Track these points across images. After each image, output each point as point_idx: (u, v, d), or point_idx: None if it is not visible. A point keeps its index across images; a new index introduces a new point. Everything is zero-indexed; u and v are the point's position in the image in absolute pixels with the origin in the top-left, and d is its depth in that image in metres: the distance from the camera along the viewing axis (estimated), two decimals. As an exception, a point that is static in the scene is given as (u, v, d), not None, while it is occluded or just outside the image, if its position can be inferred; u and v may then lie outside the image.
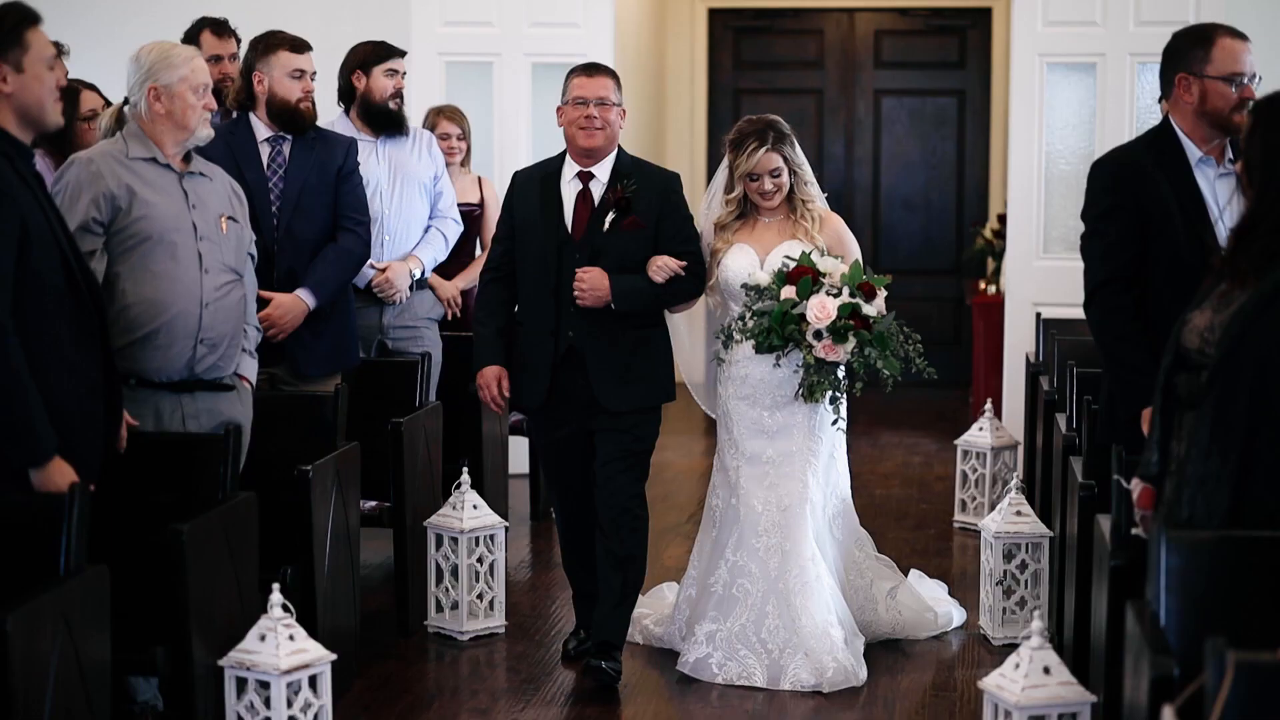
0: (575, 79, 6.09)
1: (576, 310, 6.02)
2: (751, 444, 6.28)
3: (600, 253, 6.02)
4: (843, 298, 6.01)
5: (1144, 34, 9.19)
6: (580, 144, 6.03)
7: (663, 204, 6.09)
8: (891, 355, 6.10)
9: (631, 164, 6.16)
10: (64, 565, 4.27)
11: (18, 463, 4.50)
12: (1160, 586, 3.96)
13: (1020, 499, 6.65)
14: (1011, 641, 6.39)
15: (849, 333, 5.99)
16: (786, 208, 6.30)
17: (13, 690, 3.89)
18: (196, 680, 4.89)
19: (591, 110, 6.00)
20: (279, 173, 6.55)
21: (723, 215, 6.35)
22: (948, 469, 9.57)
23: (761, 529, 6.22)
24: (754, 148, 6.19)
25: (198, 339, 5.40)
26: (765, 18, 13.28)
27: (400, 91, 7.30)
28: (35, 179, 4.67)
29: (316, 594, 5.71)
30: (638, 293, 6.03)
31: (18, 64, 4.57)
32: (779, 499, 6.23)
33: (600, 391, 6.05)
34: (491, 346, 6.18)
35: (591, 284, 5.97)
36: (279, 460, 5.70)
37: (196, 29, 7.50)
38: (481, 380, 6.17)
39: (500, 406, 6.22)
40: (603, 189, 6.08)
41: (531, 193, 6.13)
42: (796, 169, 6.26)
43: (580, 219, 6.06)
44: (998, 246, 11.46)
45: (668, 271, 6.03)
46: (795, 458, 6.25)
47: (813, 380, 6.10)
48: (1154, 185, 5.34)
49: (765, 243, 6.27)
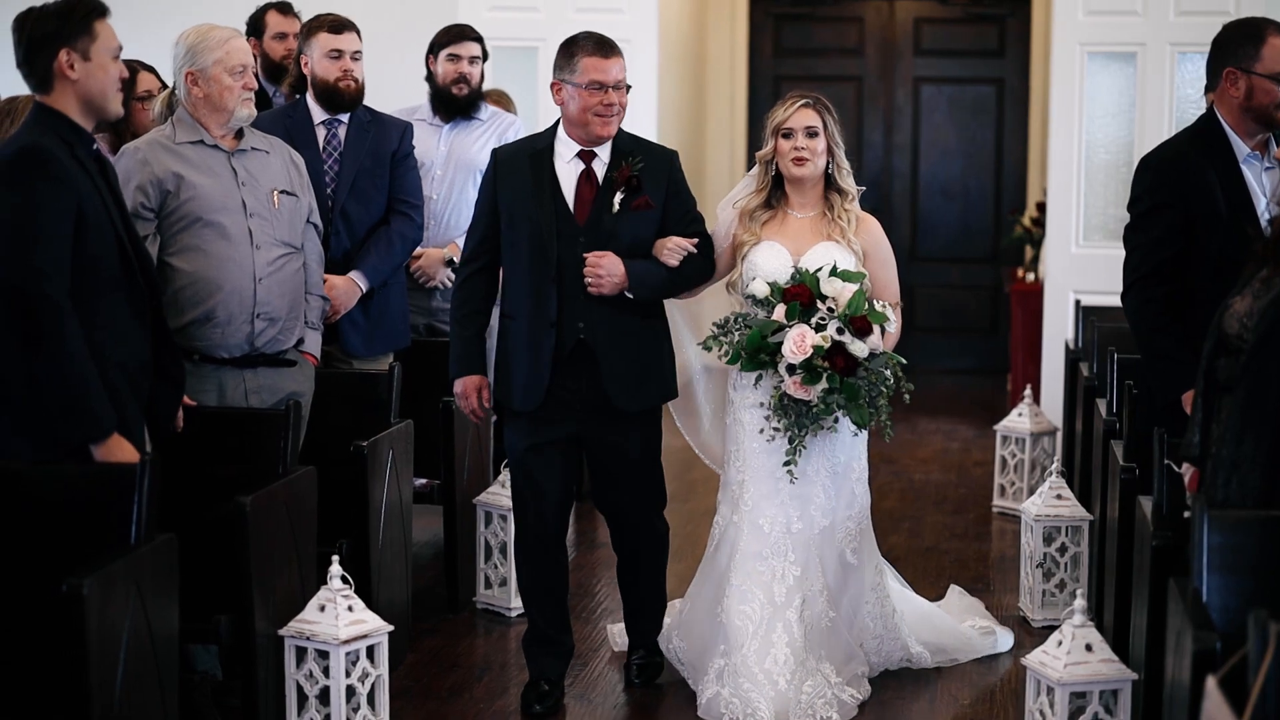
0: (587, 58, 5.50)
1: (586, 300, 5.53)
2: (762, 458, 5.73)
3: (611, 236, 5.54)
4: (828, 331, 5.46)
5: (1184, 24, 9.27)
6: (597, 133, 5.53)
7: (668, 183, 5.64)
8: (862, 405, 5.51)
9: (631, 141, 5.68)
10: (135, 534, 4.40)
11: (79, 439, 4.63)
12: (1203, 564, 4.06)
13: (1060, 483, 6.74)
14: (1051, 623, 6.48)
15: (823, 374, 5.46)
16: (822, 203, 5.79)
17: (89, 654, 4.02)
18: (258, 649, 5.02)
19: (612, 97, 5.50)
20: (334, 155, 6.65)
21: (750, 199, 5.84)
22: (986, 455, 9.65)
23: (766, 551, 5.70)
24: (794, 100, 5.74)
25: (254, 314, 5.52)
26: (806, 5, 13.33)
27: (464, 76, 7.33)
28: (95, 164, 4.79)
29: (371, 568, 5.83)
30: (654, 277, 5.58)
31: (85, 52, 4.70)
32: (787, 519, 5.71)
33: (614, 390, 5.56)
34: (472, 352, 5.69)
35: (608, 270, 5.48)
36: (334, 437, 5.82)
37: (262, 10, 7.65)
38: (462, 390, 5.70)
39: (481, 418, 5.79)
40: (605, 168, 5.60)
41: (520, 173, 5.59)
42: (835, 146, 5.75)
43: (584, 201, 5.57)
44: (1036, 234, 11.52)
45: (680, 252, 5.58)
46: (809, 476, 5.70)
47: (788, 423, 5.57)
48: (1201, 180, 5.41)
49: (800, 242, 5.74)
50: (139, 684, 4.30)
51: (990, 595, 7.13)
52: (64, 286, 4.57)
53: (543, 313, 5.53)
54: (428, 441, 6.64)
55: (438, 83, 7.37)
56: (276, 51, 7.53)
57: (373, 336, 6.67)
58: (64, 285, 4.57)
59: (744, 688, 5.54)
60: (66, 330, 4.55)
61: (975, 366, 13.20)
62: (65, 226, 4.59)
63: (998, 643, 6.32)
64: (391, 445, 6.05)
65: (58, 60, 4.68)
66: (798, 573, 5.69)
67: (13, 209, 4.58)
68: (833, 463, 5.76)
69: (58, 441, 4.64)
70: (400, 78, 8.54)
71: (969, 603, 6.64)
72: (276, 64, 7.49)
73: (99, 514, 4.42)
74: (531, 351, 5.55)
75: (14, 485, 4.49)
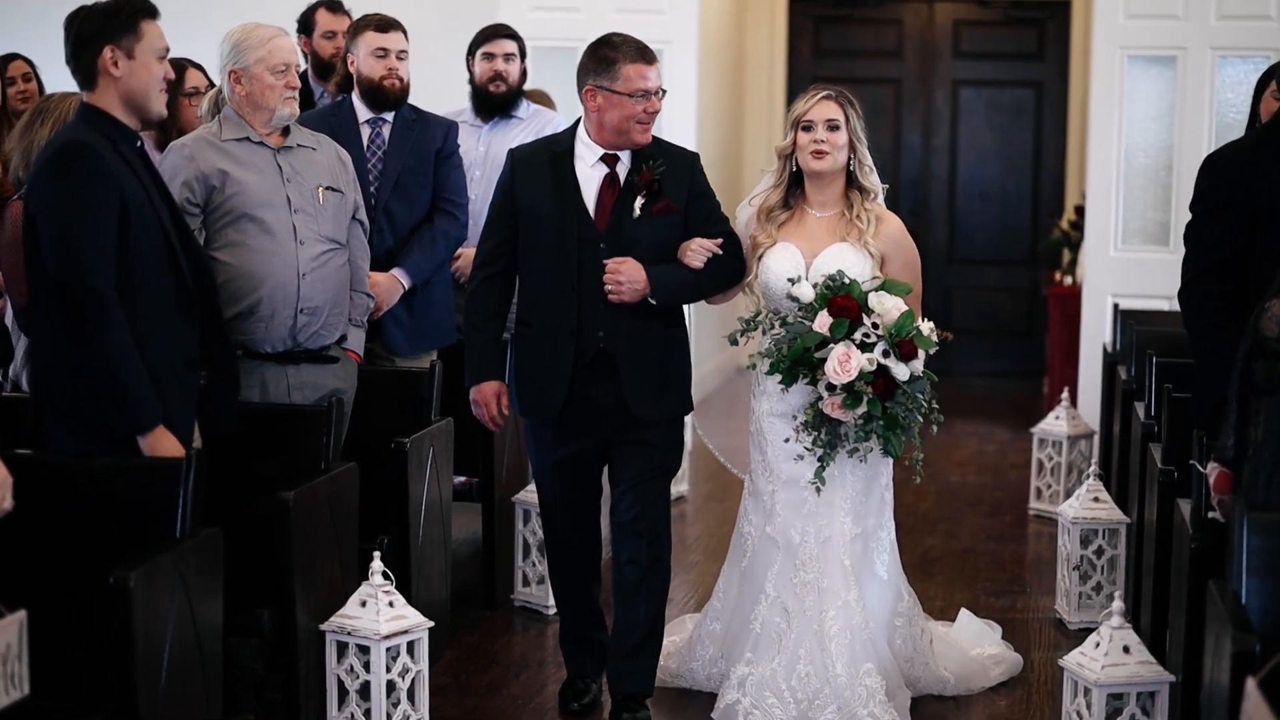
0: (630, 65, 5.32)
1: (607, 307, 5.36)
2: (788, 467, 5.56)
3: (633, 242, 5.37)
4: (875, 354, 5.25)
5: (1225, 28, 9.26)
6: (637, 139, 5.37)
7: (690, 185, 5.47)
8: (900, 433, 5.34)
9: (652, 143, 5.46)
10: (180, 528, 4.44)
11: (124, 430, 4.68)
12: (1241, 566, 4.07)
13: (1098, 485, 6.75)
14: (1087, 626, 6.48)
15: (864, 398, 5.27)
16: (842, 201, 5.55)
17: (135, 645, 4.08)
18: (299, 644, 5.06)
19: (655, 104, 5.36)
20: (378, 153, 6.69)
21: (769, 196, 5.63)
22: (1021, 457, 9.65)
23: (800, 562, 5.54)
24: (815, 92, 5.55)
25: (298, 309, 5.55)
26: (845, 6, 13.35)
27: (500, 74, 7.34)
28: (139, 160, 4.84)
29: (411, 564, 5.87)
30: (679, 283, 5.42)
31: (130, 51, 4.74)
32: (818, 530, 5.54)
33: (633, 399, 5.41)
34: (489, 358, 5.55)
35: (629, 276, 5.32)
36: (374, 434, 5.86)
37: (312, 8, 7.70)
38: (479, 397, 5.55)
39: (499, 426, 5.64)
40: (626, 172, 5.43)
41: (539, 175, 5.44)
42: (856, 141, 5.50)
43: (605, 206, 5.40)
44: (1074, 238, 11.51)
45: (704, 253, 5.41)
46: (838, 485, 5.53)
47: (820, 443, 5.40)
48: (1268, 181, 5.40)
49: (813, 242, 5.54)
50: (183, 676, 4.35)
51: (1026, 597, 7.16)
52: (108, 279, 4.62)
53: (562, 321, 5.38)
54: (467, 439, 6.66)
55: (475, 82, 7.40)
56: (325, 50, 7.58)
57: (416, 334, 6.70)
58: (108, 278, 4.62)
59: (767, 701, 5.45)
60: (111, 322, 4.60)
61: (1011, 369, 13.20)
62: (108, 220, 4.64)
63: (1009, 671, 6.08)
64: (432, 443, 6.08)
65: (102, 57, 4.73)
66: (828, 584, 5.52)
67: (55, 204, 4.64)
68: (860, 471, 5.56)
69: (104, 434, 4.69)
70: (441, 79, 8.57)
71: (979, 628, 6.34)
72: (325, 62, 7.54)
73: (145, 507, 4.47)
74: (550, 361, 5.41)
75: (62, 478, 4.54)
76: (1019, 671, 6.10)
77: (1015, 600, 7.12)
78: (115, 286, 4.64)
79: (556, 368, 5.40)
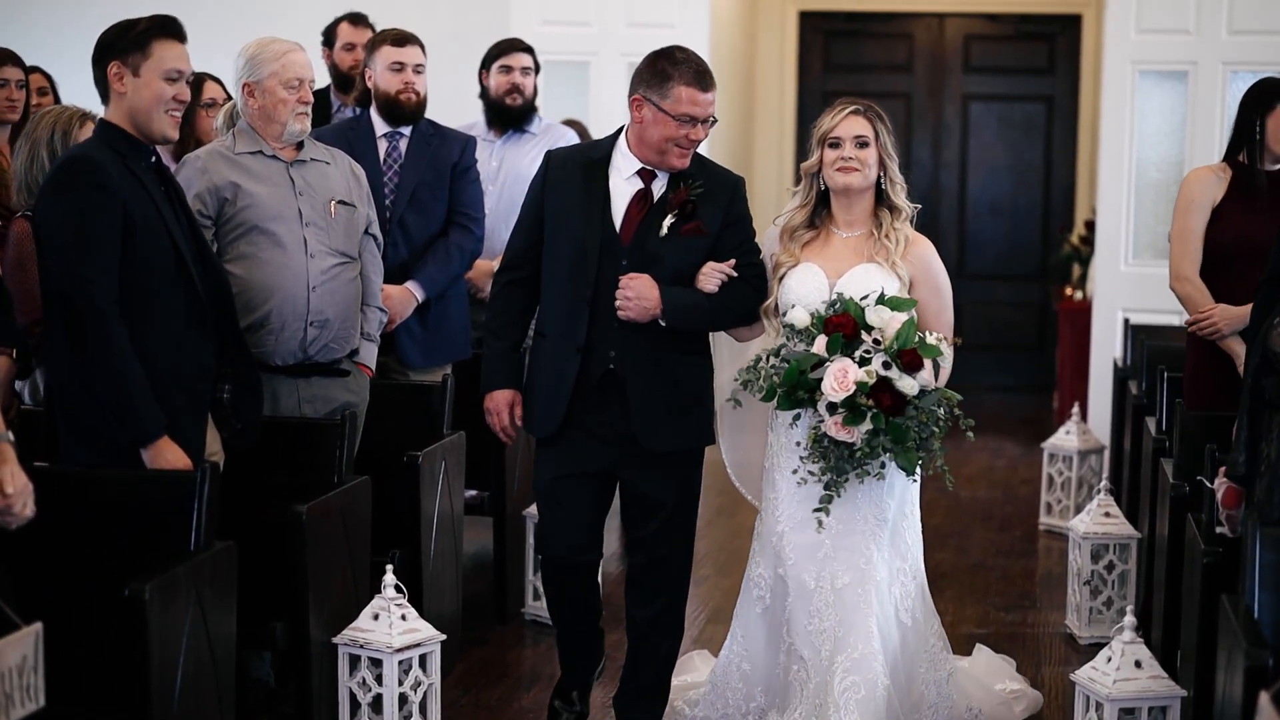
0: (685, 88, 5.03)
1: (619, 325, 5.08)
2: (802, 507, 5.18)
3: (654, 259, 5.09)
4: (873, 366, 4.93)
5: (1236, 42, 9.28)
6: (672, 164, 5.11)
7: (728, 210, 5.18)
8: (911, 448, 4.99)
9: (696, 162, 5.19)
10: (195, 540, 4.46)
11: (126, 441, 4.70)
12: (1254, 581, 4.08)
13: (1109, 500, 6.75)
14: (1097, 641, 6.48)
15: (868, 413, 4.93)
16: (871, 221, 5.24)
17: (149, 657, 4.09)
18: (312, 656, 5.07)
19: (699, 133, 5.09)
20: (394, 167, 6.71)
21: (794, 216, 5.31)
22: (1032, 472, 9.66)
23: (814, 609, 5.17)
24: (843, 107, 5.23)
25: (307, 322, 5.56)
26: (856, 21, 13.36)
27: (516, 87, 7.37)
28: (151, 174, 4.86)
29: (423, 578, 5.87)
30: (693, 307, 5.11)
31: (136, 68, 4.76)
32: (833, 575, 5.16)
33: (642, 427, 5.11)
34: (505, 365, 5.31)
35: (638, 293, 5.03)
36: (387, 447, 5.87)
37: (337, 21, 7.77)
38: (491, 405, 5.32)
39: (511, 437, 5.40)
40: (662, 188, 5.17)
41: (571, 179, 5.18)
42: (887, 159, 5.19)
43: (632, 219, 5.15)
44: (1084, 252, 11.52)
45: (718, 277, 5.12)
46: (857, 525, 5.17)
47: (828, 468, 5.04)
48: None
49: (838, 262, 5.21)
50: (197, 687, 4.36)
51: (1037, 612, 7.17)
52: (110, 293, 4.64)
53: (572, 335, 5.12)
54: (479, 453, 6.67)
55: (491, 95, 7.42)
56: (345, 61, 7.63)
57: (429, 347, 6.71)
58: (110, 292, 4.64)
59: None
60: (112, 335, 4.63)
61: (1022, 384, 13.20)
62: (111, 234, 4.66)
63: (1030, 708, 5.82)
64: (444, 456, 6.09)
65: (109, 73, 4.76)
66: (842, 634, 5.13)
67: (59, 218, 4.67)
68: (881, 511, 5.19)
69: (109, 445, 4.71)
70: (453, 92, 8.61)
71: (998, 664, 6.01)
72: (345, 75, 7.58)
73: (160, 520, 4.49)
74: (555, 376, 5.15)
75: (78, 490, 4.57)
76: (1039, 709, 5.87)
77: (1026, 615, 7.13)
78: (118, 300, 4.66)
79: (560, 384, 5.14)
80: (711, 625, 6.79)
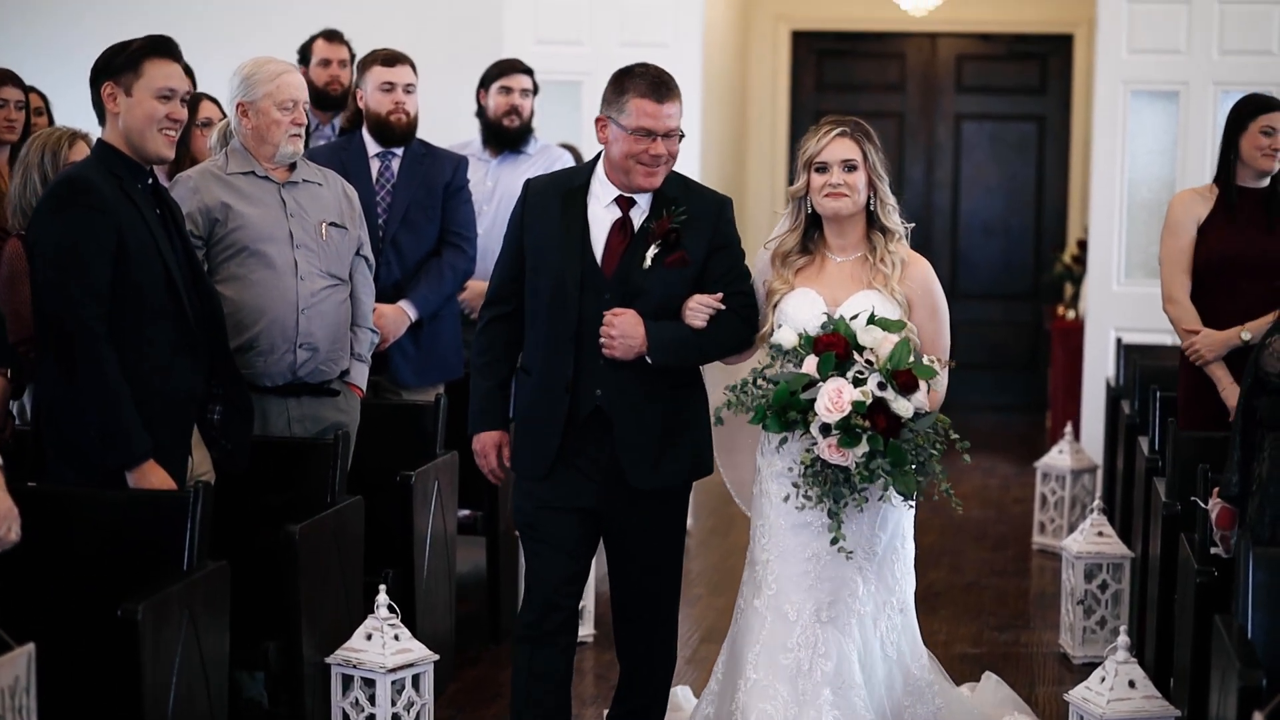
0: (639, 100, 4.79)
1: (605, 363, 4.85)
2: (790, 536, 4.94)
3: (638, 293, 4.85)
4: (869, 385, 4.69)
5: (1228, 63, 9.29)
6: (639, 183, 4.85)
7: (713, 235, 4.93)
8: (909, 471, 4.73)
9: (679, 185, 4.96)
10: (187, 560, 4.45)
11: (113, 463, 4.71)
12: (1248, 601, 4.08)
13: (1102, 520, 6.75)
14: (1091, 660, 6.47)
15: (863, 435, 4.67)
16: (865, 244, 5.01)
17: (142, 678, 4.09)
18: (305, 677, 5.06)
19: (659, 148, 4.81)
20: (387, 187, 6.72)
21: (784, 240, 5.07)
22: (1025, 491, 9.66)
23: (792, 643, 4.89)
24: (828, 130, 4.96)
25: (296, 343, 5.56)
26: (848, 40, 13.39)
27: (515, 108, 7.38)
28: (147, 197, 4.86)
29: (416, 597, 5.87)
30: (680, 343, 4.86)
31: (128, 88, 4.77)
32: (817, 605, 4.91)
33: (631, 465, 4.88)
34: (491, 405, 5.07)
35: (623, 331, 4.79)
36: (379, 467, 5.86)
37: (312, 38, 7.78)
38: (479, 447, 5.09)
39: (500, 479, 5.17)
40: (643, 216, 4.91)
41: (550, 209, 4.94)
42: (877, 180, 4.96)
43: (614, 250, 4.90)
44: (1077, 272, 11.54)
45: (706, 311, 4.87)
46: (844, 557, 4.85)
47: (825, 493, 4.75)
48: None
49: (835, 289, 4.99)
50: (190, 708, 4.36)
51: (1030, 632, 7.16)
52: (99, 314, 4.65)
53: (558, 373, 4.88)
54: (471, 473, 6.64)
55: (489, 115, 7.44)
56: (320, 78, 7.64)
57: (422, 367, 6.72)
58: (99, 313, 4.65)
59: None
60: (101, 357, 4.63)
61: (1014, 403, 13.20)
62: (103, 255, 4.67)
63: None
64: (437, 476, 6.09)
65: (103, 93, 4.78)
66: (828, 667, 4.88)
67: (52, 238, 4.68)
68: (871, 544, 4.93)
69: (96, 467, 4.71)
70: (446, 112, 8.61)
71: (1005, 694, 5.70)
72: (320, 91, 7.58)
73: (153, 540, 4.49)
74: (543, 415, 4.91)
75: (70, 511, 4.56)
76: None
77: (1019, 635, 7.12)
78: (111, 322, 4.66)
79: (549, 423, 4.90)
80: (705, 645, 6.78)
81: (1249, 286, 6.12)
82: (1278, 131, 6.20)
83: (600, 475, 4.92)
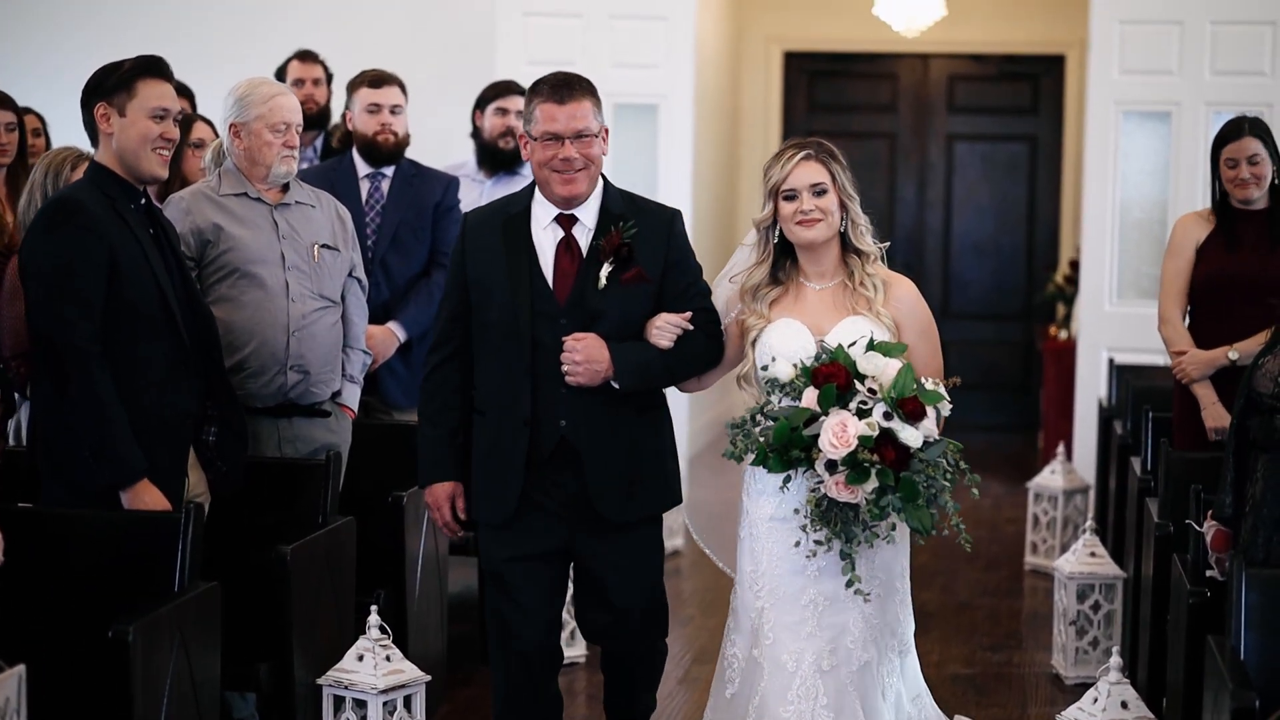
0: (542, 105, 4.63)
1: (567, 392, 4.66)
2: (788, 581, 4.66)
3: (595, 316, 4.67)
4: (875, 417, 4.42)
5: (1219, 83, 9.30)
6: (558, 192, 4.67)
7: (667, 250, 4.76)
8: (922, 505, 4.43)
9: (624, 200, 4.79)
10: (179, 581, 4.45)
11: (107, 483, 4.70)
12: (1240, 622, 4.08)
13: (1094, 540, 6.75)
14: (1084, 681, 6.47)
15: (872, 469, 4.40)
16: (843, 269, 4.77)
17: (132, 699, 4.08)
18: (296, 698, 5.05)
19: (569, 150, 4.62)
20: (376, 208, 6.73)
21: (752, 273, 4.81)
22: (1017, 512, 9.66)
23: (792, 695, 4.62)
24: (792, 154, 4.73)
25: (287, 365, 5.56)
26: (840, 61, 13.42)
27: (511, 130, 7.34)
28: (140, 217, 4.86)
29: (408, 618, 5.85)
30: (646, 365, 4.68)
31: (121, 108, 4.79)
32: (817, 654, 4.63)
33: (601, 497, 4.70)
34: (442, 455, 4.84)
35: (586, 355, 4.61)
36: (371, 487, 5.86)
37: (288, 59, 7.80)
38: (431, 500, 4.88)
39: (454, 530, 4.91)
40: (589, 234, 4.73)
41: (490, 242, 4.75)
42: (848, 200, 4.72)
43: (565, 274, 4.71)
44: (1069, 292, 11.56)
45: (672, 331, 4.70)
46: (844, 602, 4.62)
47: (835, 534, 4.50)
48: None
49: (819, 318, 4.71)
50: (181, 730, 4.35)
51: (1022, 652, 7.16)
52: (91, 334, 4.66)
53: (515, 408, 4.69)
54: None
55: (484, 136, 7.45)
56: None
57: (412, 387, 6.69)
58: (91, 333, 4.66)
59: None
60: (94, 377, 4.64)
61: (1007, 423, 13.20)
62: (95, 275, 4.68)
63: None
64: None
65: (96, 114, 4.79)
66: (830, 718, 4.63)
67: (44, 258, 4.69)
68: (869, 585, 4.64)
69: (89, 486, 4.71)
70: (439, 133, 8.62)
71: None
72: None
73: (144, 561, 4.49)
74: (503, 455, 4.72)
75: (62, 531, 4.57)
76: None
77: (1011, 655, 7.12)
78: (105, 341, 4.66)
79: (510, 465, 4.70)
80: (697, 665, 6.78)
81: (1245, 308, 6.13)
82: (1240, 162, 6.22)
83: (569, 512, 4.75)
